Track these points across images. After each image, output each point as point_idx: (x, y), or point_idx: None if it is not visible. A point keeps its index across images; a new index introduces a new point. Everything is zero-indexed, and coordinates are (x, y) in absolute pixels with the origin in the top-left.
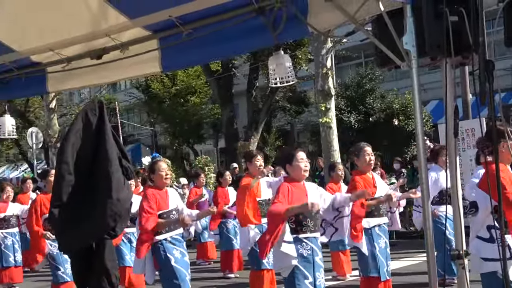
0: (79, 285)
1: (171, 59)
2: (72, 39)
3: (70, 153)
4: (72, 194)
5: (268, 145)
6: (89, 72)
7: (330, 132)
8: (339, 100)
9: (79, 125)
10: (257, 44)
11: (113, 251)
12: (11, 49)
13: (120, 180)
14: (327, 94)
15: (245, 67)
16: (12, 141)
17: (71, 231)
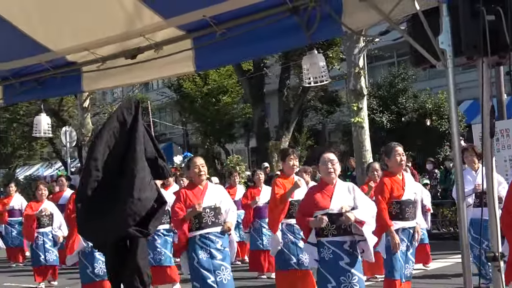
0: (113, 282)
1: (205, 58)
2: (107, 39)
3: (101, 150)
4: (97, 190)
5: (300, 144)
6: (123, 72)
7: (362, 132)
8: (371, 100)
9: (114, 123)
10: (291, 44)
11: (145, 250)
12: (47, 49)
13: (144, 179)
14: (359, 94)
15: (277, 66)
16: (46, 140)
17: (91, 226)
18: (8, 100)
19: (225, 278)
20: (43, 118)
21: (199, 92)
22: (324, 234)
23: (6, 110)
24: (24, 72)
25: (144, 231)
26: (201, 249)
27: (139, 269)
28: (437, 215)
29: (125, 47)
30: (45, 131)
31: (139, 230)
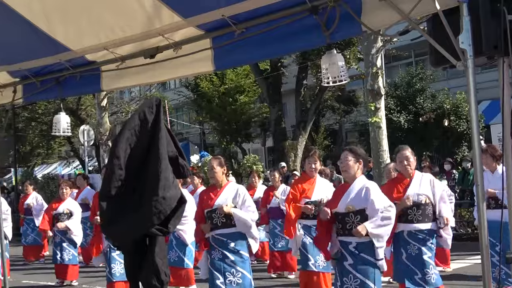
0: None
1: (224, 58)
2: (126, 38)
3: (123, 149)
4: (120, 188)
5: (316, 144)
6: (142, 71)
7: (379, 132)
8: (388, 100)
9: (136, 122)
10: (310, 44)
11: (164, 249)
12: (67, 48)
13: (168, 178)
14: (376, 94)
15: (294, 66)
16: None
17: (115, 225)
18: (28, 98)
19: (234, 281)
20: (62, 116)
21: (216, 91)
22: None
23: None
24: (44, 71)
25: (164, 229)
26: (214, 250)
27: (157, 267)
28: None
29: (144, 47)
30: (64, 129)
31: (159, 229)
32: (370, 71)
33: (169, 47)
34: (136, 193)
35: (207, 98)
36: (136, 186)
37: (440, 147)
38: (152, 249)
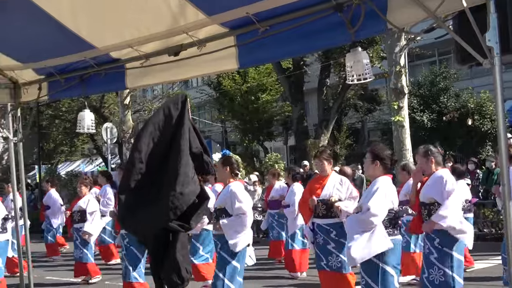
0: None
1: (248, 56)
2: (151, 36)
3: (146, 143)
4: (140, 182)
5: (339, 143)
6: (166, 69)
7: (402, 131)
8: (412, 99)
9: (160, 117)
10: (334, 41)
11: (186, 245)
12: (92, 46)
13: (187, 174)
14: (400, 92)
15: (316, 64)
16: (88, 136)
17: (132, 218)
18: (53, 96)
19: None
20: (86, 114)
21: (239, 90)
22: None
23: (49, 106)
24: (68, 69)
25: (186, 225)
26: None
27: (178, 263)
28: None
29: (168, 44)
30: (89, 126)
31: (181, 225)
32: (394, 70)
33: (193, 44)
34: (155, 187)
35: (230, 96)
36: (156, 180)
37: (464, 147)
38: (173, 245)
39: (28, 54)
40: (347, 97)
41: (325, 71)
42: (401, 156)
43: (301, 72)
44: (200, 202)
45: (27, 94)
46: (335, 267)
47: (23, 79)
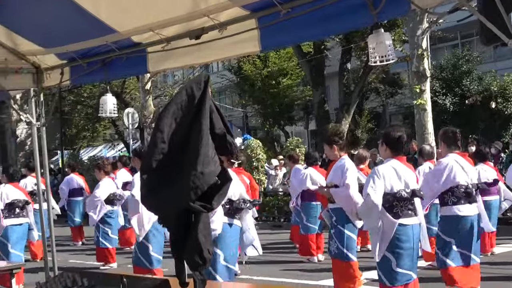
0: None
1: (270, 38)
2: (172, 19)
3: (168, 123)
4: (162, 162)
5: (360, 127)
6: (188, 52)
7: (424, 114)
8: (434, 82)
9: (183, 97)
10: (357, 23)
11: (208, 226)
12: (113, 30)
13: (207, 154)
14: (422, 76)
15: (337, 48)
16: (109, 121)
17: (155, 197)
18: (75, 80)
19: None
20: (109, 98)
21: (259, 74)
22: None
23: (71, 92)
24: (90, 53)
25: (208, 206)
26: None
27: (199, 244)
28: None
29: (189, 28)
30: (111, 111)
31: (203, 205)
32: (416, 53)
33: (215, 28)
34: (177, 167)
35: (250, 81)
36: (178, 160)
37: (487, 130)
38: (195, 226)
39: (50, 39)
40: (369, 81)
41: (346, 55)
42: (423, 140)
43: (322, 56)
44: (223, 183)
45: (49, 79)
46: (333, 252)
47: (45, 64)
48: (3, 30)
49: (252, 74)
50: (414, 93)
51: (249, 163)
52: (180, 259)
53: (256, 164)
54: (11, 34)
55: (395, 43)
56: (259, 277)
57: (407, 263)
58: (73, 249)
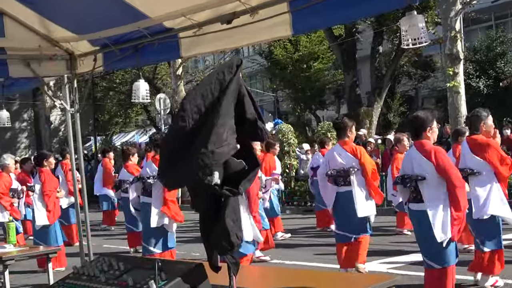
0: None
1: (301, 22)
2: (203, 4)
3: (193, 102)
4: (180, 140)
5: (392, 111)
6: (219, 37)
7: (457, 97)
8: (467, 65)
9: (213, 79)
10: (389, 5)
11: (236, 210)
12: (145, 16)
13: (220, 135)
14: (455, 58)
15: (369, 31)
16: (141, 107)
17: (170, 174)
18: (108, 66)
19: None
20: (141, 84)
21: (290, 58)
22: None
23: (103, 78)
24: (123, 39)
25: (235, 190)
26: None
27: (227, 229)
28: None
29: (221, 12)
30: (144, 96)
31: (230, 190)
32: (449, 35)
33: (246, 12)
34: (190, 145)
35: (281, 65)
36: (193, 139)
37: None
38: (223, 210)
39: (83, 26)
40: (401, 64)
41: (378, 38)
42: (456, 123)
43: (354, 39)
44: (250, 169)
45: (83, 65)
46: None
47: (78, 51)
48: (37, 17)
49: (283, 58)
50: (447, 76)
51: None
52: (209, 243)
53: (287, 148)
54: (44, 21)
55: (428, 25)
56: (292, 261)
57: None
58: (107, 234)
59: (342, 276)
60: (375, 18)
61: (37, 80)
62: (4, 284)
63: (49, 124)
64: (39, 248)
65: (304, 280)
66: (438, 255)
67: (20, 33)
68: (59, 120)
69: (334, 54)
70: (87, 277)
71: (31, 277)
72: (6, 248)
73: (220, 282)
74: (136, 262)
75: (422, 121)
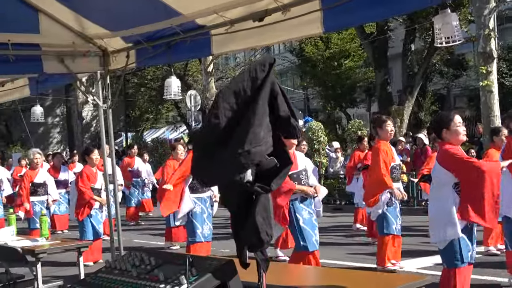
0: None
1: (333, 19)
2: (236, 1)
3: (226, 100)
4: (213, 137)
5: (423, 109)
6: (251, 35)
7: (490, 96)
8: (501, 63)
9: (246, 78)
10: (423, 3)
11: (267, 208)
12: (178, 13)
13: (257, 134)
14: (488, 57)
15: (401, 29)
16: (172, 104)
17: (202, 171)
18: (140, 63)
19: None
20: (173, 80)
21: (321, 56)
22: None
23: (135, 75)
24: (155, 36)
25: (266, 187)
26: (304, 210)
27: (257, 227)
28: None
29: (253, 10)
30: (175, 93)
31: (262, 187)
32: (482, 33)
33: (278, 9)
34: (226, 144)
35: (312, 63)
36: (229, 138)
37: None
38: (254, 207)
39: (116, 23)
40: (433, 62)
41: (410, 35)
42: (489, 123)
43: (385, 37)
44: (282, 166)
45: (115, 62)
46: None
47: (111, 47)
48: (72, 14)
49: (314, 56)
50: (480, 75)
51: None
52: (240, 240)
53: (317, 146)
54: (79, 18)
55: (461, 23)
56: (323, 259)
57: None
58: (137, 229)
59: (373, 275)
60: (407, 15)
61: (70, 76)
62: (36, 276)
63: (81, 120)
64: (71, 241)
65: (335, 278)
66: (445, 255)
67: (55, 30)
68: (91, 115)
69: (365, 51)
70: (118, 271)
71: (63, 270)
72: (38, 241)
73: (249, 279)
74: (167, 257)
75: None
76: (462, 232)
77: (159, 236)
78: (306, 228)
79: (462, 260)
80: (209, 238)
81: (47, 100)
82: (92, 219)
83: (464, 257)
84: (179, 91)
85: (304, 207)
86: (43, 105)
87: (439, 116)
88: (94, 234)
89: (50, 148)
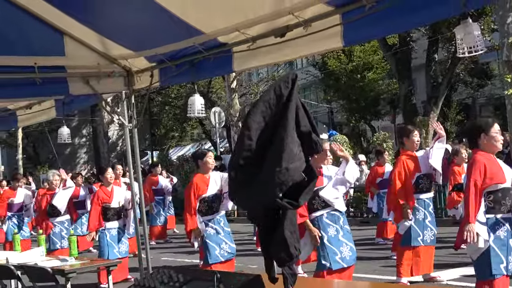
0: (264, 252)
1: (353, 33)
2: (257, 18)
3: (256, 120)
4: (249, 159)
5: (449, 120)
6: (273, 50)
7: None
8: None
9: (271, 95)
10: (444, 13)
11: (294, 223)
12: (200, 32)
13: (292, 150)
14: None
15: (423, 40)
16: (196, 121)
17: (241, 194)
18: (164, 82)
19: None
20: (196, 98)
21: (344, 69)
22: (501, 210)
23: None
24: (178, 55)
25: (294, 203)
26: (330, 227)
27: (285, 241)
28: None
29: (274, 26)
30: (199, 111)
31: (289, 202)
32: (506, 42)
33: (299, 25)
34: (264, 164)
35: (335, 76)
36: (264, 157)
37: None
38: (281, 222)
39: (139, 43)
40: (457, 72)
41: (433, 46)
42: None
43: (408, 48)
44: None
45: (140, 82)
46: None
47: (136, 67)
48: (96, 36)
49: (337, 69)
50: (505, 83)
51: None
52: (268, 255)
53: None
54: (103, 39)
55: (484, 32)
56: None
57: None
58: (163, 247)
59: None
60: (429, 26)
61: (95, 96)
62: None
63: (107, 139)
64: (101, 260)
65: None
66: (477, 267)
67: (80, 52)
68: (117, 135)
69: (388, 63)
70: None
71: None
72: (68, 261)
73: None
74: (195, 274)
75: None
76: (493, 243)
77: (186, 254)
78: (330, 246)
79: (490, 272)
80: (229, 256)
81: (74, 121)
82: (109, 238)
83: (493, 269)
84: (202, 109)
85: (331, 223)
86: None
87: (478, 121)
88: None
89: (77, 169)
